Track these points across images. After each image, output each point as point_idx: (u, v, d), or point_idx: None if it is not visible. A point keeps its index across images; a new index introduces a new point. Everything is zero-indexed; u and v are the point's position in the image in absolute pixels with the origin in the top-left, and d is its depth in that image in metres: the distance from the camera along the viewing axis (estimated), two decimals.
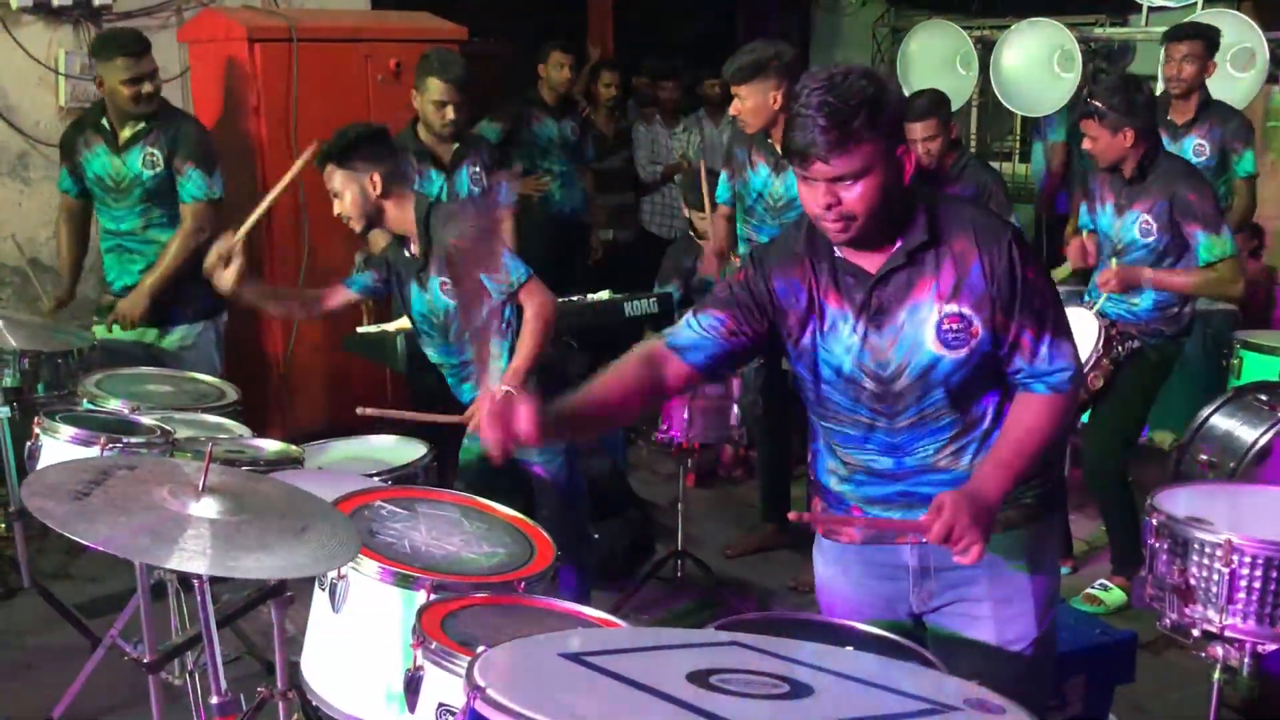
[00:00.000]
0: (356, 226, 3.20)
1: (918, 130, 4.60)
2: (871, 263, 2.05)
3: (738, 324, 2.13)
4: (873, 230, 2.00)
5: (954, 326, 2.03)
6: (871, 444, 2.15)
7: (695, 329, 2.15)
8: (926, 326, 2.03)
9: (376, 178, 3.11)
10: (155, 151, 4.14)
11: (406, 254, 3.22)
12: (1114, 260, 3.81)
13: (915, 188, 2.04)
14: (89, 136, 4.18)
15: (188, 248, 4.17)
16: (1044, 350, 2.05)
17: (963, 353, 2.04)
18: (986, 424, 2.12)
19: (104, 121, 4.16)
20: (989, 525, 1.96)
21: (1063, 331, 2.08)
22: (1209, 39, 4.74)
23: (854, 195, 1.95)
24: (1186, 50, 4.69)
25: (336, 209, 3.18)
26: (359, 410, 3.25)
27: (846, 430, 2.17)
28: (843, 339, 2.09)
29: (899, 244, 2.03)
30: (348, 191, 3.13)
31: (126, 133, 4.14)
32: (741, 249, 4.25)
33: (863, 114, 1.91)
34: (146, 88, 4.06)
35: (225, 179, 4.95)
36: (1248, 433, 3.33)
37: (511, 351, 3.09)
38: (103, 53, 4.08)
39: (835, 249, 2.07)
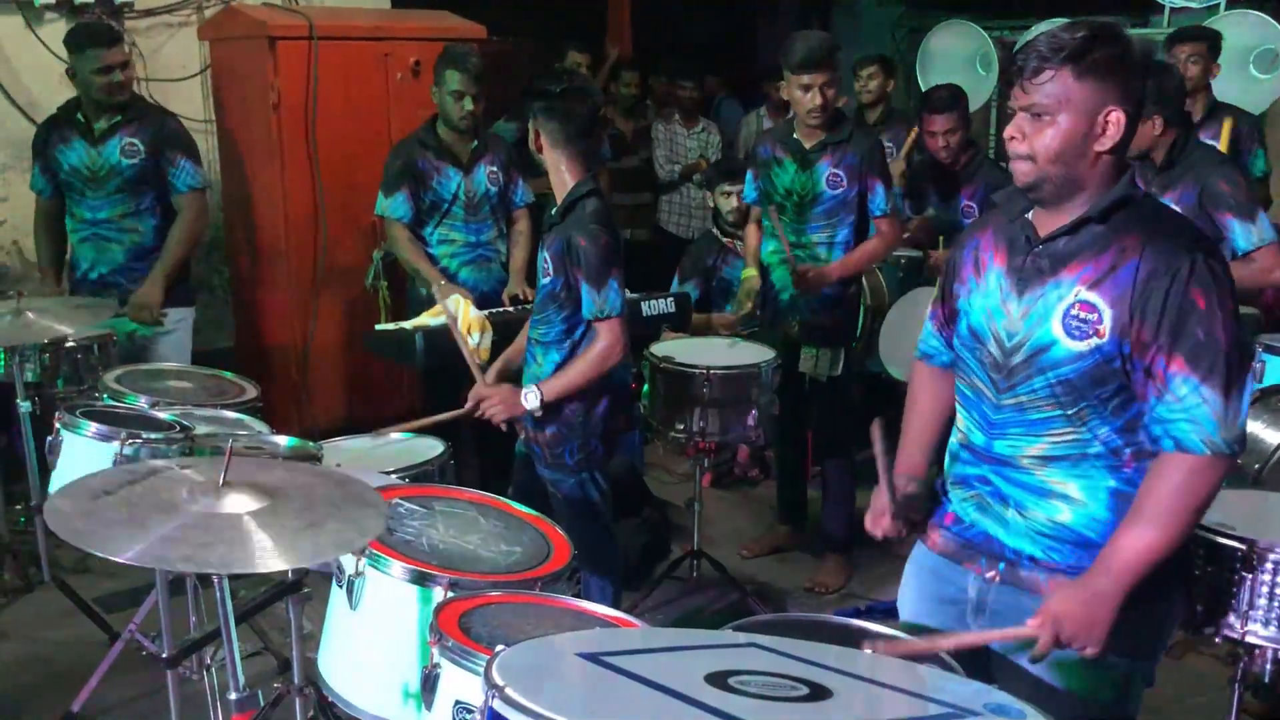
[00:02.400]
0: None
1: (939, 123, 4.59)
2: (1047, 228, 1.98)
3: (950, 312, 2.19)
4: (1054, 186, 1.93)
5: (1082, 314, 1.91)
6: (976, 413, 2.10)
7: (931, 330, 2.27)
8: (1059, 306, 1.94)
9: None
10: (135, 141, 4.23)
11: None
12: None
13: (1118, 167, 1.93)
14: (64, 132, 4.27)
15: (192, 236, 4.35)
16: (1183, 390, 1.84)
17: (1082, 346, 1.92)
18: (1090, 454, 1.97)
19: (79, 116, 4.25)
20: (1108, 621, 1.87)
21: (1220, 381, 1.82)
22: (1211, 41, 4.75)
23: (1039, 135, 1.89)
24: (1190, 51, 4.70)
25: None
26: (374, 435, 3.31)
27: (965, 391, 2.14)
28: (987, 295, 2.06)
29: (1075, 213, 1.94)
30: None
31: (102, 124, 4.23)
32: (769, 246, 4.23)
33: (1074, 50, 1.83)
34: (117, 77, 4.16)
35: (244, 176, 5.00)
36: (1273, 435, 3.29)
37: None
38: (75, 45, 4.18)
39: (1029, 210, 2.01)
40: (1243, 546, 2.40)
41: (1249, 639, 2.41)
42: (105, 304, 3.91)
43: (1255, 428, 3.33)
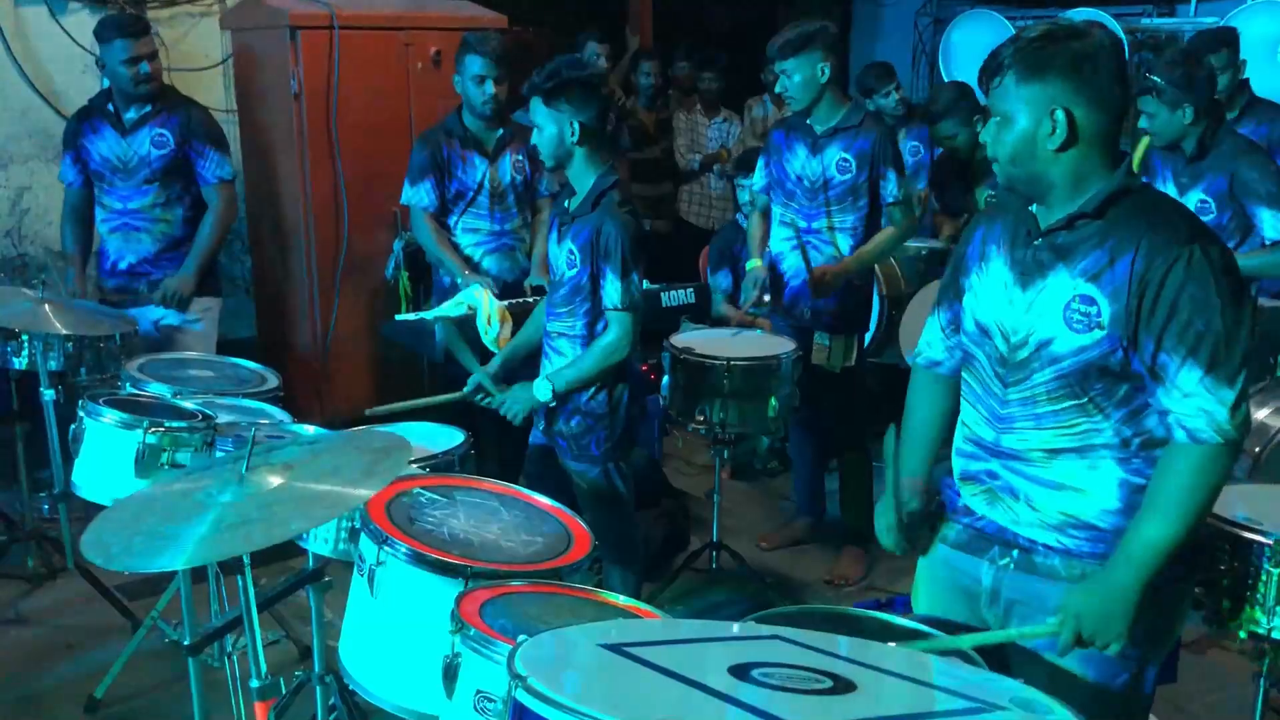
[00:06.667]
0: (548, 164, 3.16)
1: (944, 129, 4.57)
2: (1047, 221, 2.01)
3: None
4: (1032, 185, 1.98)
5: (1081, 308, 1.93)
6: (983, 407, 2.10)
7: (938, 337, 2.27)
8: (1058, 299, 1.96)
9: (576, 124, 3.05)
10: (164, 132, 4.27)
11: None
12: None
13: (1095, 160, 1.94)
14: (94, 122, 4.29)
15: (224, 225, 4.40)
16: (1190, 385, 1.85)
17: (1084, 339, 1.93)
18: (1098, 445, 1.97)
19: (109, 106, 4.28)
20: (1128, 615, 1.89)
21: (1224, 370, 1.84)
22: (1229, 42, 4.67)
23: (998, 139, 1.97)
24: (1215, 61, 4.60)
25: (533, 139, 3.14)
26: (367, 413, 3.29)
27: (973, 385, 2.14)
28: (994, 289, 2.07)
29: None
30: (547, 128, 3.07)
31: (133, 115, 4.26)
32: (782, 234, 4.19)
33: (1022, 53, 1.94)
34: (145, 68, 4.18)
35: (266, 166, 5.01)
36: (1276, 420, 3.28)
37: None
38: (103, 36, 4.21)
39: (1031, 203, 2.05)
40: (1269, 541, 2.38)
41: (1275, 634, 2.40)
42: (121, 316, 3.93)
43: (1262, 414, 3.33)
